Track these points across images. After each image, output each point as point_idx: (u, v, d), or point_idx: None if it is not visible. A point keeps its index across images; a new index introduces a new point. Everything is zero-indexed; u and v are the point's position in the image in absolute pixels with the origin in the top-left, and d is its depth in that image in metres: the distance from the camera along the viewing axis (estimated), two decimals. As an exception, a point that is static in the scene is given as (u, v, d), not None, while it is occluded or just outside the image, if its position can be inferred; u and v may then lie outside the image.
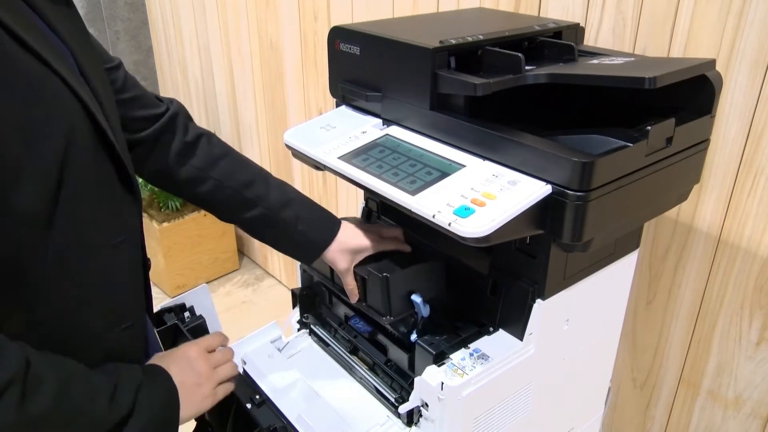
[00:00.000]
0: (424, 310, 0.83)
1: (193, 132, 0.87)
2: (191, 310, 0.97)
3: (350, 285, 0.87)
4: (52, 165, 0.57)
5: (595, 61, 0.87)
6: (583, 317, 0.91)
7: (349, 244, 0.86)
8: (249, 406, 0.90)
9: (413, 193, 0.75)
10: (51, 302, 0.61)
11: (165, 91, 2.77)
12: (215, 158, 0.86)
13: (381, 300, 0.83)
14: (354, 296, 0.88)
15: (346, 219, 1.02)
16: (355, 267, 0.86)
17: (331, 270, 0.91)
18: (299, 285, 1.06)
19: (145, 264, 0.78)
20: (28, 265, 0.58)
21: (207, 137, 0.88)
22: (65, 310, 0.63)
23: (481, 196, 0.71)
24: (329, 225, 0.87)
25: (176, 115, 0.86)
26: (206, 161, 0.85)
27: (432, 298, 0.85)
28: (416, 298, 0.83)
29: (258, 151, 2.22)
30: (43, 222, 0.57)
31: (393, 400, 0.87)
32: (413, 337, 0.84)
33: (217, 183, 0.85)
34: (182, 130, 0.86)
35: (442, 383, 0.75)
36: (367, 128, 0.89)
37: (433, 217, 0.70)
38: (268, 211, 0.86)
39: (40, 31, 0.59)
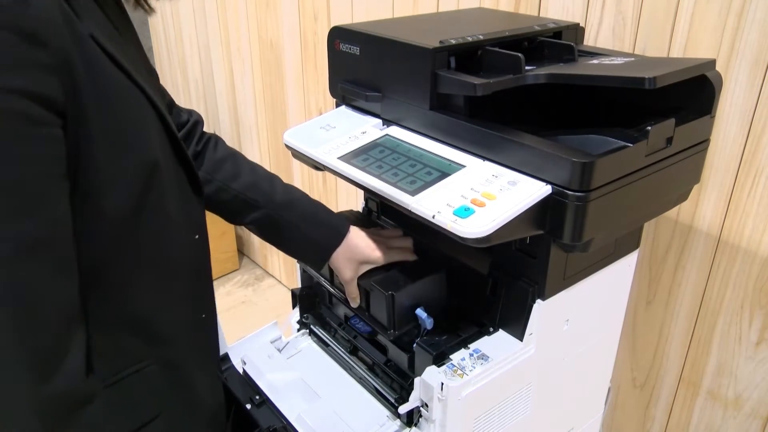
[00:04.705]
0: (428, 323, 0.82)
1: (203, 139, 0.89)
2: (191, 310, 0.97)
3: (353, 294, 0.87)
4: (142, 173, 0.61)
5: (595, 61, 0.87)
6: (583, 317, 0.91)
7: (358, 254, 0.85)
8: (249, 406, 0.90)
9: (413, 193, 0.74)
10: (136, 296, 0.65)
11: (165, 91, 2.76)
12: (219, 161, 0.88)
13: (385, 315, 0.82)
14: (354, 302, 0.88)
15: (346, 212, 1.01)
16: (358, 278, 0.85)
17: (331, 271, 0.91)
18: (299, 285, 1.06)
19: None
20: (116, 263, 0.61)
21: (214, 142, 0.90)
22: (147, 299, 0.66)
23: (481, 196, 0.71)
24: (336, 228, 0.86)
25: (196, 124, 0.89)
26: (211, 165, 0.86)
27: (435, 309, 0.84)
28: (421, 312, 0.82)
29: (258, 151, 2.22)
30: (131, 222, 0.61)
31: (393, 401, 0.87)
32: (415, 346, 0.84)
33: (221, 185, 0.86)
34: (196, 139, 0.88)
35: (442, 383, 0.75)
36: (367, 128, 0.89)
37: (433, 217, 0.70)
38: (272, 212, 0.86)
39: (120, 45, 0.61)
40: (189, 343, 0.73)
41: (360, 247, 0.85)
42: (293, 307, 1.07)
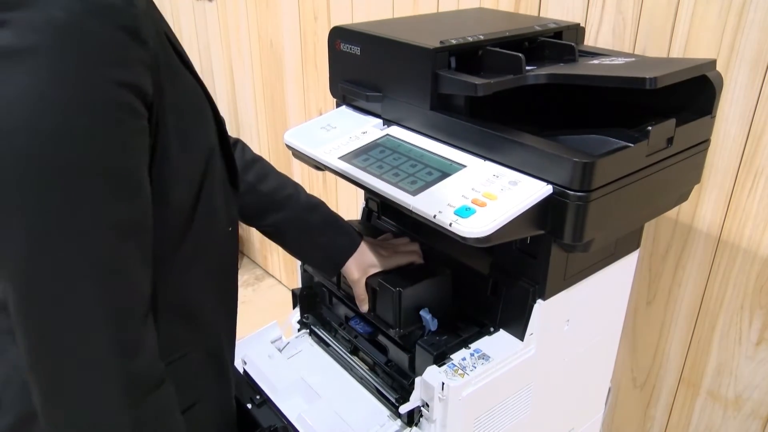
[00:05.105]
0: (432, 325, 0.83)
1: (230, 140, 0.89)
2: (191, 310, 0.97)
3: (361, 295, 0.88)
4: (202, 165, 0.64)
5: (595, 62, 0.87)
6: (583, 317, 0.91)
7: (368, 259, 0.88)
8: (249, 406, 0.90)
9: (414, 193, 0.75)
10: (187, 285, 0.67)
11: (165, 91, 2.76)
12: (249, 163, 0.90)
13: (391, 313, 0.83)
14: (364, 306, 0.89)
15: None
16: (367, 278, 0.87)
17: (338, 275, 0.91)
18: (299, 285, 1.06)
19: None
20: (173, 251, 0.64)
21: (241, 145, 0.92)
22: (194, 288, 0.68)
23: (481, 196, 0.71)
24: (353, 235, 0.90)
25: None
26: (241, 167, 0.88)
27: (440, 311, 0.85)
28: (425, 314, 0.83)
29: (258, 151, 2.21)
30: (189, 212, 0.64)
31: (393, 401, 0.87)
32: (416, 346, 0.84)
33: (249, 186, 0.88)
34: None
35: (443, 383, 0.75)
36: (367, 128, 0.89)
37: (434, 217, 0.70)
38: (297, 214, 0.88)
39: (178, 41, 0.64)
40: (224, 333, 0.76)
41: (370, 253, 0.88)
42: (293, 307, 1.07)
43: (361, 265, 0.87)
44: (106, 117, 0.49)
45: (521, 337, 0.82)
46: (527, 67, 0.79)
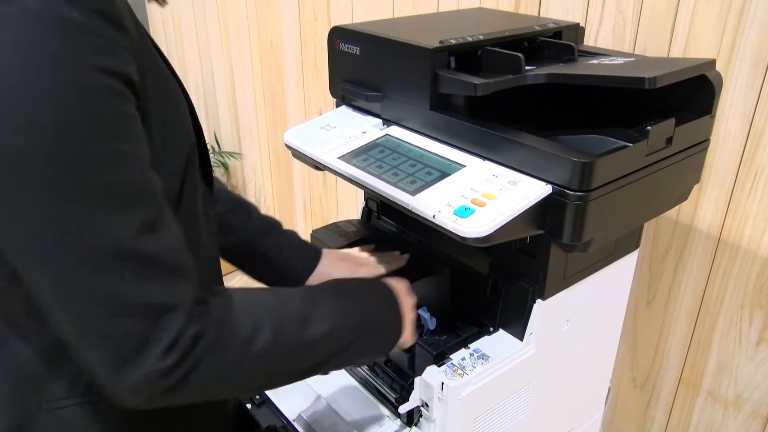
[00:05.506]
0: (431, 324, 0.83)
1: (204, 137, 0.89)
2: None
3: None
4: (183, 161, 0.63)
5: (595, 61, 0.87)
6: (583, 317, 0.91)
7: (328, 274, 0.87)
8: (249, 406, 0.90)
9: (413, 193, 0.75)
10: None
11: (165, 91, 2.76)
12: None
13: None
14: None
15: (341, 222, 1.02)
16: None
17: None
18: (299, 285, 1.06)
19: None
20: None
21: None
22: None
23: (481, 196, 0.71)
24: (311, 254, 0.89)
25: None
26: None
27: (438, 310, 0.85)
28: (423, 312, 0.83)
29: (258, 151, 2.22)
30: (173, 208, 0.62)
31: (393, 400, 0.87)
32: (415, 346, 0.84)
33: None
34: None
35: (442, 383, 0.75)
36: (367, 128, 0.90)
37: (434, 217, 0.70)
38: (247, 237, 0.87)
39: (152, 38, 0.64)
40: None
41: (330, 266, 0.88)
42: (293, 307, 1.07)
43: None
44: (94, 104, 0.48)
45: (521, 336, 0.82)
46: (527, 67, 0.79)
